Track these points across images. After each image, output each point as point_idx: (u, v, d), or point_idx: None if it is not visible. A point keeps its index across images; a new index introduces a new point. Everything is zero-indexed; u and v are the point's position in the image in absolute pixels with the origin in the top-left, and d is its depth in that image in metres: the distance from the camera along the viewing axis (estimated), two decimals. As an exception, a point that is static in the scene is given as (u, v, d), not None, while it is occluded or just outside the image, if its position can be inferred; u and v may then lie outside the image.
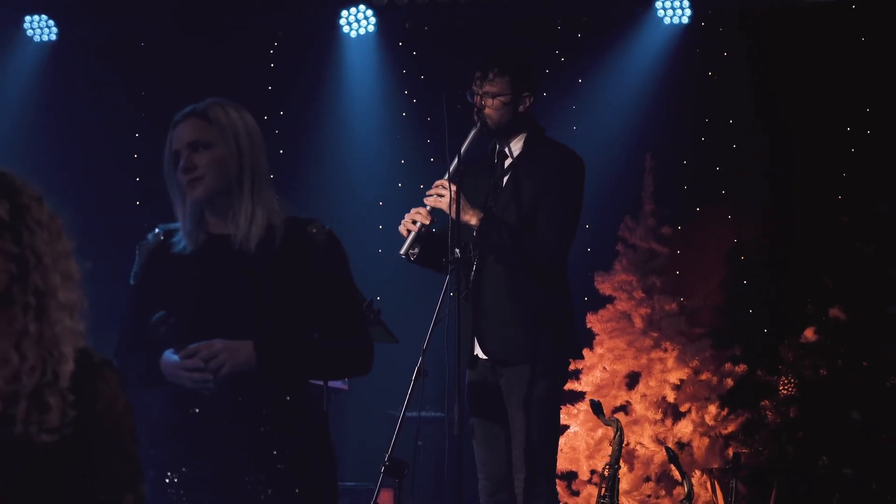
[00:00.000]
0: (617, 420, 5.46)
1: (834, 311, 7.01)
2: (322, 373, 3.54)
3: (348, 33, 7.36)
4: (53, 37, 7.61)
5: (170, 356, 3.35)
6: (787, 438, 6.90)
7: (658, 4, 7.19)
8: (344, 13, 7.32)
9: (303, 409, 3.47)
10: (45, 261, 2.46)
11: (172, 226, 3.51)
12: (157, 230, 3.55)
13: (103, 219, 7.47)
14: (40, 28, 7.58)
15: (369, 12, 7.30)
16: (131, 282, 3.52)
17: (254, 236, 3.38)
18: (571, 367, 5.72)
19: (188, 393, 3.34)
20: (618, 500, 5.27)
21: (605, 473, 5.31)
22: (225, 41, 7.69)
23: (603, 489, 5.31)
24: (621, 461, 7.12)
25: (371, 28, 7.34)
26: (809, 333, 7.03)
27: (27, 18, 7.57)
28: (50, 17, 7.57)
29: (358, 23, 7.29)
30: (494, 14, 7.36)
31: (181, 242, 3.46)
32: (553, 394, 5.29)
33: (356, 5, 7.28)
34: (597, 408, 5.43)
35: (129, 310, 3.53)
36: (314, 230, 3.45)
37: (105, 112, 7.78)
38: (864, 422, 6.33)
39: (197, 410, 3.35)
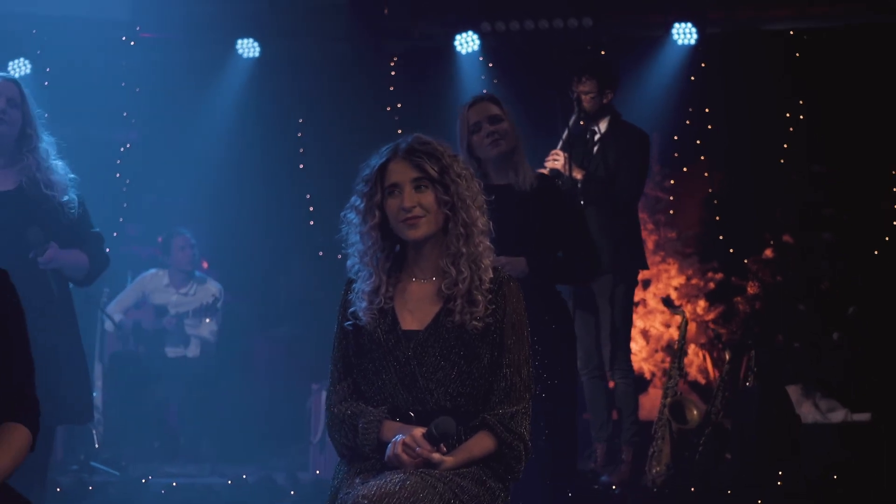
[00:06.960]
0: (682, 310, 5.45)
1: (785, 237, 7.01)
2: (566, 278, 3.58)
3: (460, 51, 7.24)
4: (256, 54, 7.39)
5: None
6: (753, 323, 6.92)
7: (674, 30, 7.07)
8: (458, 37, 7.20)
9: (556, 300, 3.53)
10: (467, 201, 2.46)
11: None
12: None
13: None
14: (247, 48, 7.36)
15: (475, 36, 7.17)
16: None
17: (522, 184, 3.37)
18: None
19: None
20: (684, 366, 5.25)
21: (675, 348, 5.31)
22: (375, 55, 7.56)
23: (674, 359, 5.31)
24: (637, 338, 7.24)
25: (476, 48, 7.21)
26: (768, 252, 7.04)
27: (238, 41, 7.36)
28: (255, 39, 7.36)
29: (467, 43, 7.17)
30: (565, 38, 7.22)
31: None
32: (628, 293, 5.31)
33: (466, 31, 7.16)
34: (667, 301, 5.43)
35: None
36: (559, 182, 3.44)
37: (292, 109, 7.56)
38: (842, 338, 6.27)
39: None
